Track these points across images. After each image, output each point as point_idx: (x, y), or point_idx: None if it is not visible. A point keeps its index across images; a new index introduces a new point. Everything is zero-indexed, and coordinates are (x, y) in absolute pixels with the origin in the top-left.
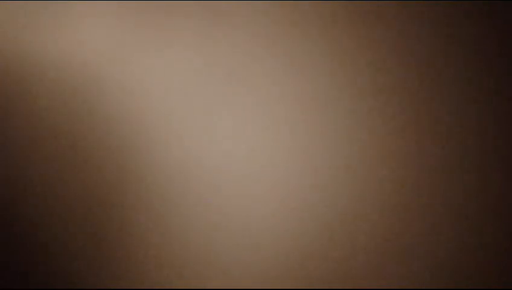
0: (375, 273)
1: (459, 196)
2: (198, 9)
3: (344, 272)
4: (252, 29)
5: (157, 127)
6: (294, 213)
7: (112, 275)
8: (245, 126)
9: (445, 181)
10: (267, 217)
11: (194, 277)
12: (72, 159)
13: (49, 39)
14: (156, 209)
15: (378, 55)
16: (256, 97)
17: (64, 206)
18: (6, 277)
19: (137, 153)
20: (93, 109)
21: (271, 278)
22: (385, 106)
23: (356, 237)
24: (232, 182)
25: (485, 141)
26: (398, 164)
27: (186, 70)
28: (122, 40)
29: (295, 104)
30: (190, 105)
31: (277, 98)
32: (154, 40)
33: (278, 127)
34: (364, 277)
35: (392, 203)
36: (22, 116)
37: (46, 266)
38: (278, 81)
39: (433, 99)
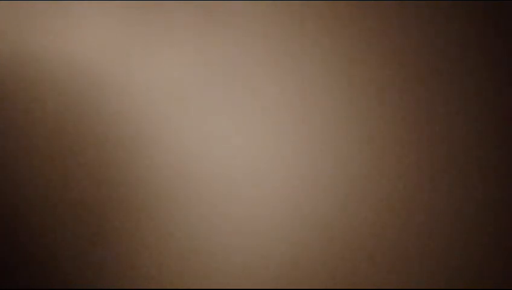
0: (375, 273)
1: (459, 196)
2: (199, 10)
3: (345, 273)
4: (252, 29)
5: (157, 127)
6: (295, 214)
7: (112, 275)
8: (245, 126)
9: (445, 181)
10: (268, 218)
11: (194, 277)
12: (73, 159)
13: (50, 40)
14: (156, 210)
15: (378, 55)
16: (257, 97)
17: (65, 206)
18: (6, 277)
19: (137, 153)
20: (93, 109)
21: (271, 278)
22: (386, 106)
23: (357, 237)
24: (232, 183)
25: (485, 140)
26: (398, 164)
27: (186, 70)
28: (122, 40)
29: (295, 103)
30: (191, 105)
31: (277, 97)
32: (155, 40)
33: (278, 127)
34: (365, 277)
35: (392, 204)
36: (22, 117)
37: (46, 266)
38: (278, 81)
39: (433, 99)
